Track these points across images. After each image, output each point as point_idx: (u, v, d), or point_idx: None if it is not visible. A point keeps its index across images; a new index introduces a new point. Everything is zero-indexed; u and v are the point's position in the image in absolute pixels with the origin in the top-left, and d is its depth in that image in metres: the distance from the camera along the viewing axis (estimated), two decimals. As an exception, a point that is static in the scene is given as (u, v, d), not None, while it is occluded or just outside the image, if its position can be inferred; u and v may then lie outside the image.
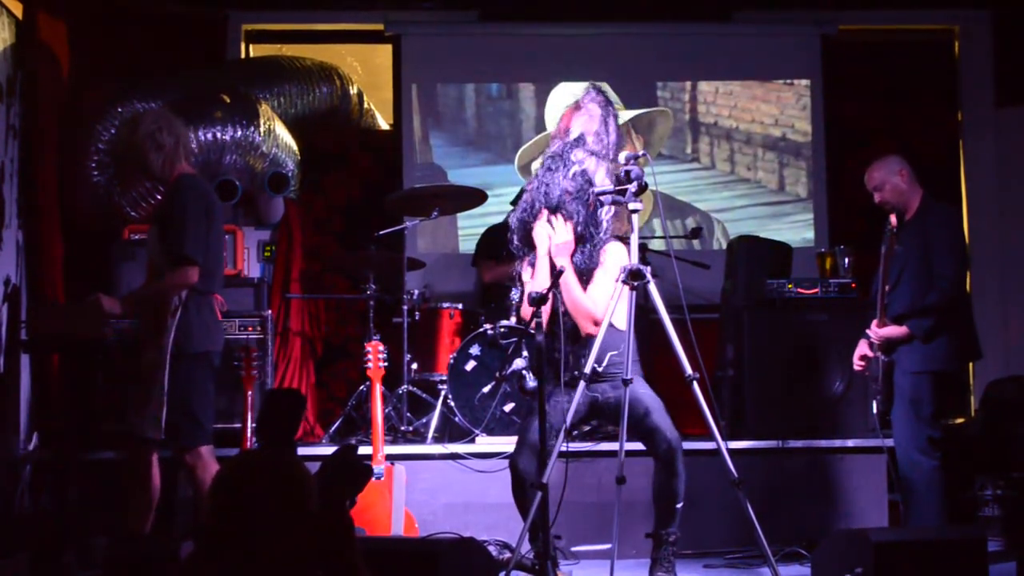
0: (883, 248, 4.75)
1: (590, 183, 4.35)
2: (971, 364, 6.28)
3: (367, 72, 7.77)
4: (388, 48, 7.47)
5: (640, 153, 4.22)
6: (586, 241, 4.37)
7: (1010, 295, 7.27)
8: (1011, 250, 7.27)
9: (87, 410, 5.32)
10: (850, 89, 7.50)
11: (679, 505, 4.25)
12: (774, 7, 7.46)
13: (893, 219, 4.81)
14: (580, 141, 4.47)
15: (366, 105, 7.32)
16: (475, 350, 5.74)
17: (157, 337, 4.24)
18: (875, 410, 4.83)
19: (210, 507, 2.34)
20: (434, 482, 5.31)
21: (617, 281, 4.20)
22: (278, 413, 3.34)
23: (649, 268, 4.21)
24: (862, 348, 4.92)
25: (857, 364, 4.95)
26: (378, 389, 5.11)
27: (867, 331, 4.86)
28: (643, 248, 5.87)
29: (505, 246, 4.59)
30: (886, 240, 4.74)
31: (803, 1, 7.45)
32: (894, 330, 4.77)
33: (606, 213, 4.37)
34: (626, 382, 4.09)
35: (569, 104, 4.72)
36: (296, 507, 2.34)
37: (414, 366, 5.95)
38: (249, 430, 5.09)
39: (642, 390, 4.33)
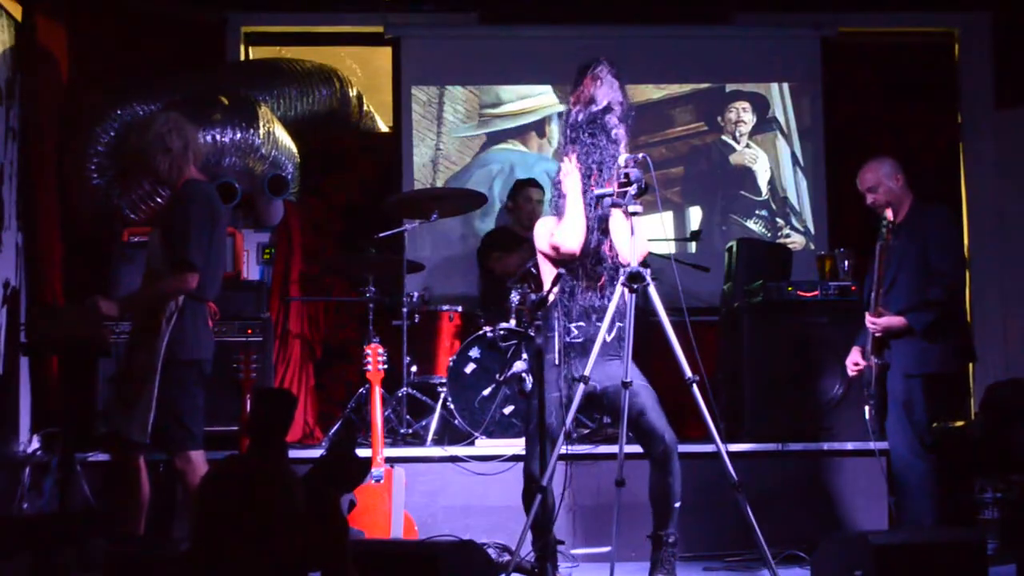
0: (879, 242, 4.76)
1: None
2: (971, 367, 6.27)
3: (366, 74, 7.76)
4: (388, 50, 7.47)
5: (640, 156, 4.22)
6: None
7: (1010, 298, 7.26)
8: (1011, 252, 7.26)
9: (86, 412, 5.32)
10: (850, 91, 7.50)
11: (676, 505, 4.26)
12: (774, 10, 7.46)
13: (889, 213, 4.82)
14: (609, 110, 4.45)
15: (365, 107, 7.32)
16: (475, 353, 5.74)
17: (151, 341, 4.22)
18: (868, 415, 4.83)
19: (196, 512, 2.35)
20: (433, 485, 5.31)
21: (617, 283, 4.21)
22: (267, 414, 3.29)
23: (649, 271, 4.20)
24: (855, 355, 4.94)
25: (852, 370, 4.96)
26: (377, 392, 5.11)
27: (865, 323, 4.85)
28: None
29: (510, 240, 4.47)
30: (882, 236, 4.76)
31: (803, 4, 7.44)
32: (893, 320, 4.78)
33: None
34: (625, 384, 4.09)
35: (583, 75, 4.62)
36: (280, 509, 2.33)
37: (413, 369, 5.95)
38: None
39: (639, 382, 4.28)
